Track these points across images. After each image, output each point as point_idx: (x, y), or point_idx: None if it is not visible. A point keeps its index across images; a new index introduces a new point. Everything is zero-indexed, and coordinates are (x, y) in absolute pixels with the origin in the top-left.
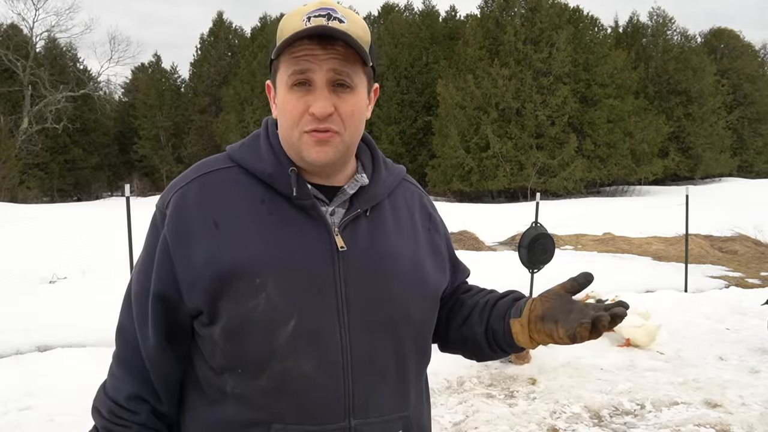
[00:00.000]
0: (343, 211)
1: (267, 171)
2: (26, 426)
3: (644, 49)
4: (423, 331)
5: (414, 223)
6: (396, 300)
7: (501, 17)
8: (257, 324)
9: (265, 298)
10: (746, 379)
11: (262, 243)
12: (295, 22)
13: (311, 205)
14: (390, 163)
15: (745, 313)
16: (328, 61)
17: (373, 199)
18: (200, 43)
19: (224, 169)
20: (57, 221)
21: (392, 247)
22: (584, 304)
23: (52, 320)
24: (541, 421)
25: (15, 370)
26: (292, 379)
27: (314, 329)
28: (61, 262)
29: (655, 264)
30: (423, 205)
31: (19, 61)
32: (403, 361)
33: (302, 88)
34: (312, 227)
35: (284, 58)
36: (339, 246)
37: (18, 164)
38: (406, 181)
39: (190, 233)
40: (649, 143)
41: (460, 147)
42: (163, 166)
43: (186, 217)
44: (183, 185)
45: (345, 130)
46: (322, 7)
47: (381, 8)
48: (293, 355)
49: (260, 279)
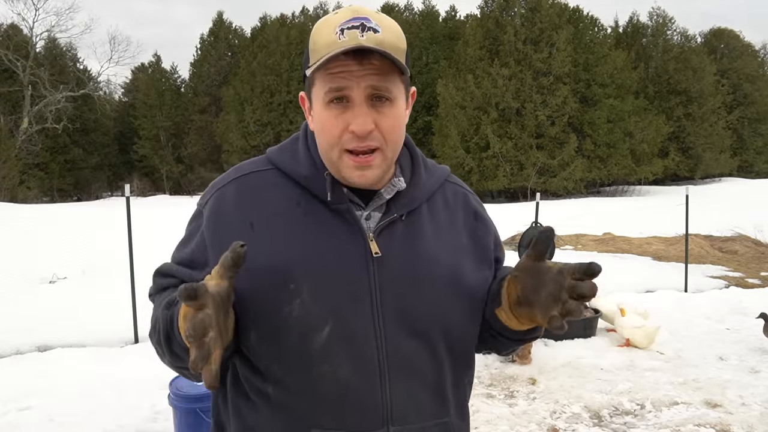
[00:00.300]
0: (380, 216)
1: (303, 173)
2: (26, 426)
3: (644, 49)
4: (462, 337)
5: (455, 225)
6: (433, 306)
7: (501, 17)
8: (293, 329)
9: (299, 303)
10: (746, 379)
11: (297, 247)
12: (327, 35)
13: (346, 209)
14: (431, 164)
15: (745, 313)
16: (365, 78)
17: (411, 204)
18: (200, 43)
19: (262, 171)
20: (57, 221)
21: (429, 252)
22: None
23: (52, 320)
24: (541, 421)
25: (15, 370)
26: (327, 384)
27: (349, 335)
28: (61, 262)
29: (655, 264)
30: (468, 204)
31: (19, 61)
32: (440, 367)
33: (340, 105)
34: (347, 232)
35: (319, 74)
36: (373, 252)
37: (18, 164)
38: (449, 182)
39: (226, 233)
40: (649, 143)
41: (460, 147)
42: (163, 166)
43: (223, 218)
44: (222, 186)
45: (387, 145)
46: (355, 17)
47: (381, 8)
48: (328, 361)
49: (294, 284)
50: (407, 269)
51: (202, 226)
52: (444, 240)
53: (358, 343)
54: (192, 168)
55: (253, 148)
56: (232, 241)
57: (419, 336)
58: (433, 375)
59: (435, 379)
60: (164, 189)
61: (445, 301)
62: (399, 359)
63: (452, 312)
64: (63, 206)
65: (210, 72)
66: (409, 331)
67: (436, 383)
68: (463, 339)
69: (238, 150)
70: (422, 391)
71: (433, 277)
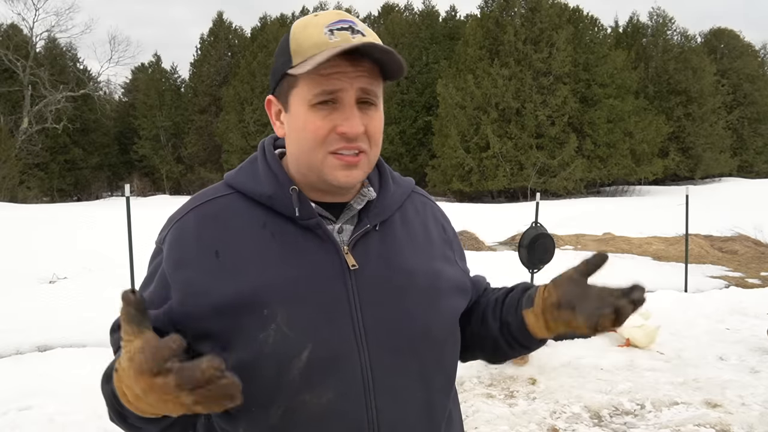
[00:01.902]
0: (352, 228)
1: (267, 193)
2: (26, 426)
3: (644, 49)
4: (446, 348)
5: (428, 235)
6: (415, 317)
7: (501, 17)
8: (269, 357)
9: (274, 329)
10: (746, 379)
11: (267, 270)
12: (316, 35)
13: (316, 224)
14: (397, 176)
15: (745, 313)
16: (358, 79)
17: (383, 214)
18: (200, 43)
19: (222, 197)
20: (57, 221)
21: (406, 262)
22: (600, 288)
23: (52, 320)
24: (541, 421)
25: (15, 370)
26: (310, 414)
27: (330, 357)
28: (61, 262)
29: (655, 264)
30: (435, 216)
31: (19, 61)
32: (428, 381)
33: (327, 107)
34: (319, 248)
35: (306, 76)
36: (350, 265)
37: (18, 164)
38: (415, 193)
39: (189, 266)
40: (649, 143)
41: (460, 147)
42: (163, 166)
43: (185, 251)
44: (180, 218)
45: (371, 149)
46: (342, 19)
47: (381, 8)
48: (309, 388)
49: (268, 310)
50: (387, 280)
51: (162, 265)
52: (419, 250)
53: (341, 365)
54: (192, 168)
55: (253, 148)
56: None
57: (404, 350)
58: (422, 390)
59: (424, 394)
60: (164, 189)
61: (428, 311)
62: (385, 377)
63: (434, 322)
64: (63, 206)
65: (210, 72)
66: (395, 346)
67: (426, 398)
68: (447, 349)
69: (238, 150)
70: (412, 409)
71: (413, 287)
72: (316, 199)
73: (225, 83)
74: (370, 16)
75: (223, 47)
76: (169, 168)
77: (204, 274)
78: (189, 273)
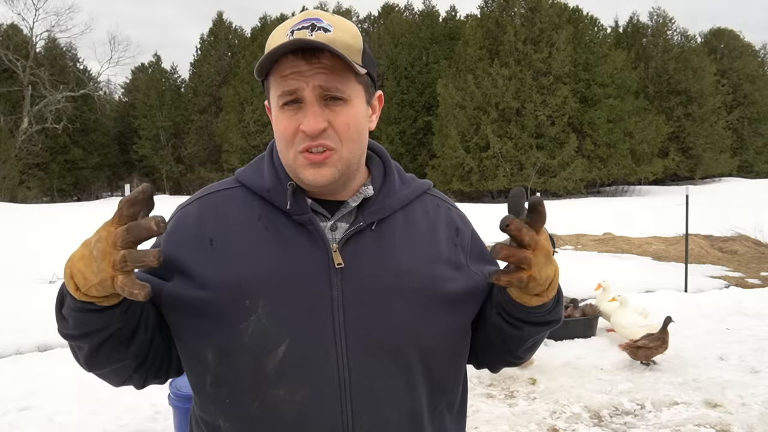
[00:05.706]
0: (347, 226)
1: (266, 187)
2: (26, 426)
3: (644, 49)
4: (440, 358)
5: (435, 238)
6: (405, 320)
7: (501, 17)
8: (247, 348)
9: (255, 320)
10: (746, 379)
11: (255, 262)
12: (278, 39)
13: (308, 220)
14: (409, 177)
15: (745, 313)
16: (315, 77)
17: (381, 212)
18: (200, 43)
19: (227, 190)
20: (57, 221)
21: (401, 263)
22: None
23: (52, 320)
24: (541, 421)
25: (15, 370)
26: (283, 410)
27: (306, 354)
28: (61, 262)
29: (655, 264)
30: (450, 220)
31: (19, 61)
32: (414, 388)
33: (293, 106)
34: (308, 243)
35: (272, 78)
36: (336, 263)
37: (18, 164)
38: (429, 195)
39: (184, 251)
40: (649, 143)
41: (460, 147)
42: (163, 166)
43: (183, 236)
44: (185, 205)
45: (342, 145)
46: (306, 18)
47: (381, 8)
48: (283, 384)
49: (250, 300)
50: (376, 281)
51: (161, 245)
52: (420, 251)
53: (316, 364)
54: (192, 168)
55: (253, 148)
56: (190, 259)
57: (389, 354)
58: (406, 398)
59: (409, 403)
60: (164, 189)
61: (420, 315)
62: (364, 382)
63: (429, 327)
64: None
65: (210, 72)
66: (377, 349)
67: (411, 407)
68: (441, 360)
69: (237, 150)
70: (393, 416)
71: (405, 290)
72: (316, 195)
73: (225, 83)
74: (370, 16)
75: (223, 47)
76: (169, 168)
77: (196, 260)
78: (183, 256)
